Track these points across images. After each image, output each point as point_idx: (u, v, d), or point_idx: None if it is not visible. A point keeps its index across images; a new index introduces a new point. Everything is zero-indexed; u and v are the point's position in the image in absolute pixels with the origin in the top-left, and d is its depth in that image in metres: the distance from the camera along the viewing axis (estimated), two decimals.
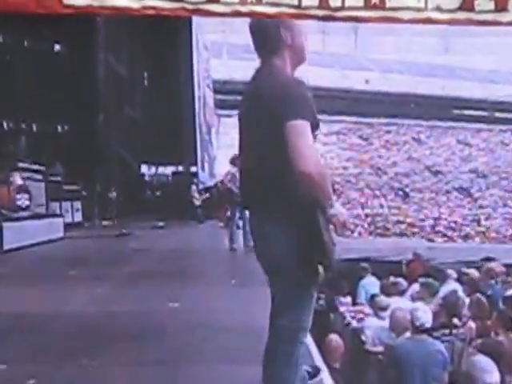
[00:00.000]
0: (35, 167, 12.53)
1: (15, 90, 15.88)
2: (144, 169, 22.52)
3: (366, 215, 25.09)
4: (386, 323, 5.79)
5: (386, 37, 41.88)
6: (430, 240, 20.62)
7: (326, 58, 38.88)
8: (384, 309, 6.18)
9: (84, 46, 17.26)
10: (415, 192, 29.17)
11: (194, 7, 2.29)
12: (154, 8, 2.17)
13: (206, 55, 28.60)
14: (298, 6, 2.61)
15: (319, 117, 2.31)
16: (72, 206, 14.43)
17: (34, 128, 17.00)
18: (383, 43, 43.42)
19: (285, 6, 2.59)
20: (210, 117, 28.19)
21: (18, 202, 10.45)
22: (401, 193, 29.12)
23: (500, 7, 2.77)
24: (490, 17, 2.79)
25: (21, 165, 11.88)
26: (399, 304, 6.15)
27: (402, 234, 22.83)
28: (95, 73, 18.11)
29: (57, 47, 18.00)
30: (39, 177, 12.40)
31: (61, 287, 5.85)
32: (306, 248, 2.20)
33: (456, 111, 40.44)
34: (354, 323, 6.70)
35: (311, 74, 17.11)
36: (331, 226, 2.26)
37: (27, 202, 10.71)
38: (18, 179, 10.68)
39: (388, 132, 37.74)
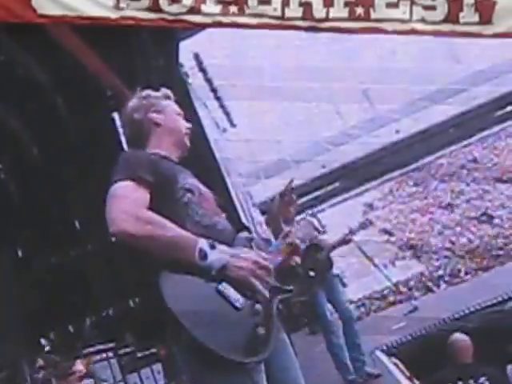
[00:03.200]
0: (101, 347, 11.78)
1: None
2: None
3: (461, 256, 22.75)
4: None
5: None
6: None
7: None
8: None
9: None
10: (500, 210, 26.39)
11: (174, 18, 2.28)
12: (132, 18, 2.21)
13: None
14: (281, 17, 2.59)
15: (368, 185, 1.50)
16: (152, 370, 13.51)
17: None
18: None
19: (267, 17, 2.57)
20: None
21: None
22: (484, 218, 26.66)
23: (485, 20, 2.85)
24: (474, 29, 2.88)
25: (85, 351, 11.08)
26: None
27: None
28: None
29: None
30: (107, 354, 11.42)
31: None
32: None
33: (499, 112, 37.93)
34: None
35: None
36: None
37: None
38: (79, 367, 9.95)
39: (440, 166, 35.60)
